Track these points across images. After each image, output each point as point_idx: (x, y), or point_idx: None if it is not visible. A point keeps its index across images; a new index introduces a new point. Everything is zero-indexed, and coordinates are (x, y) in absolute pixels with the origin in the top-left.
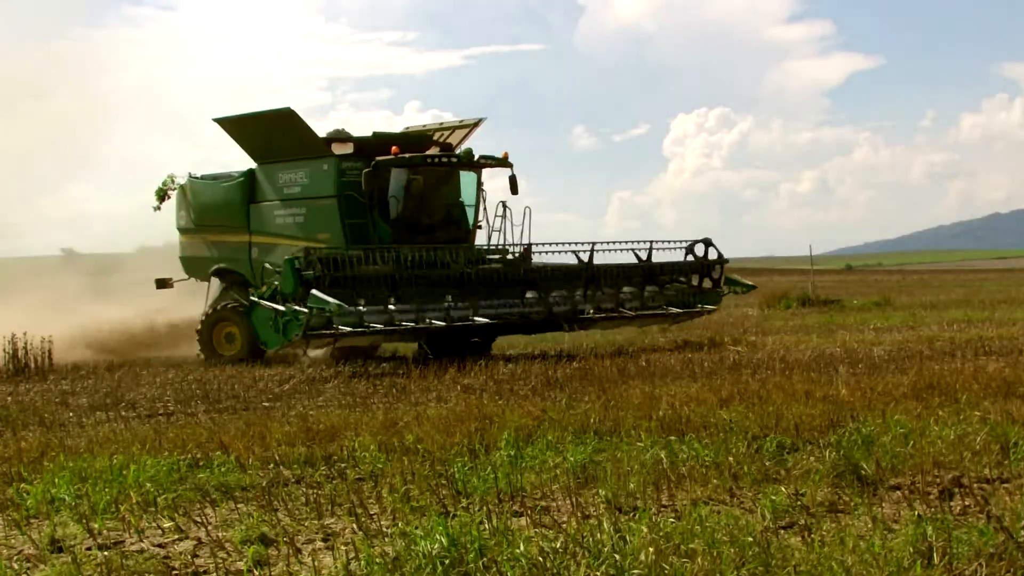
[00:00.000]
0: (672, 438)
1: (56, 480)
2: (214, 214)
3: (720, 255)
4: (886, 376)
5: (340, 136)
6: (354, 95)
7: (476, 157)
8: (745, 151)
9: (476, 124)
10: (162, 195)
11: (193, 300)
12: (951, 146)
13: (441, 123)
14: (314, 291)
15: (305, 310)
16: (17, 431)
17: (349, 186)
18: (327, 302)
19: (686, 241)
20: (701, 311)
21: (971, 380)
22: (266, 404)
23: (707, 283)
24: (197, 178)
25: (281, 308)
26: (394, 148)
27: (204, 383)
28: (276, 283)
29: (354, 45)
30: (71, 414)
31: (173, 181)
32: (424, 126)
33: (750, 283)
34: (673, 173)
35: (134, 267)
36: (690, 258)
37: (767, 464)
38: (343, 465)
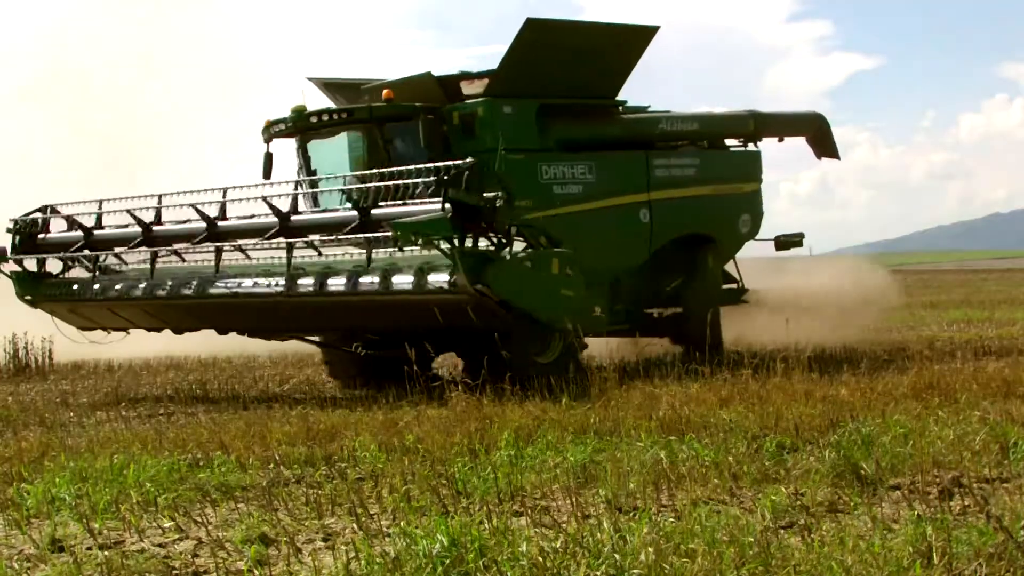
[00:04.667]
0: (672, 438)
1: (56, 480)
2: None
3: None
4: (886, 376)
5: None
6: None
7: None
8: None
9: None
10: None
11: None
12: (951, 146)
13: None
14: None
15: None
16: (18, 431)
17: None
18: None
19: None
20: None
21: (971, 380)
22: (266, 404)
23: None
24: None
25: None
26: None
27: (204, 383)
28: None
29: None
30: (71, 414)
31: None
32: None
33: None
34: None
35: None
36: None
37: (767, 464)
38: (343, 465)
